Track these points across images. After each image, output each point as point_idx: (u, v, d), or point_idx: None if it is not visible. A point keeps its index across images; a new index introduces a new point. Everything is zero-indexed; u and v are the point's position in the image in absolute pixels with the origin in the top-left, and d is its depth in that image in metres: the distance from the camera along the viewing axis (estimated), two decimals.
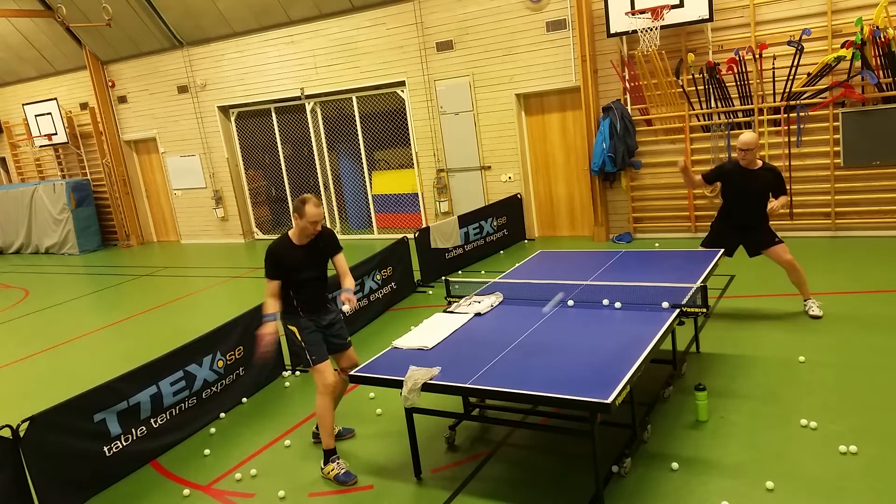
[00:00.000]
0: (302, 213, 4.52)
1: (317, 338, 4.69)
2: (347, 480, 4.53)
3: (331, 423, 4.65)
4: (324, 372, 4.62)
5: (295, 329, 4.68)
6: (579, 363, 3.95)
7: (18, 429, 4.38)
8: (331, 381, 4.62)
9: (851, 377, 5.04)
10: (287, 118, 13.12)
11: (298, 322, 4.68)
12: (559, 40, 10.02)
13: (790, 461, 4.10)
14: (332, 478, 4.57)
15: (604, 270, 5.76)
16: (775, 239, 6.20)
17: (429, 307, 7.90)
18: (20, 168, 17.23)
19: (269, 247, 4.64)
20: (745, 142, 6.02)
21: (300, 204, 4.53)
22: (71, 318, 9.85)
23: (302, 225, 4.56)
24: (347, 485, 4.50)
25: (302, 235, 4.62)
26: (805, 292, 6.31)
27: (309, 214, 4.51)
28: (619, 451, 4.28)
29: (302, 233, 4.61)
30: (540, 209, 11.08)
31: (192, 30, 13.12)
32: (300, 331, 4.67)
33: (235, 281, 10.82)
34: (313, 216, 4.52)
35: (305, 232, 4.59)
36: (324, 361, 4.65)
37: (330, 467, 4.61)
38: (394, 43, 11.31)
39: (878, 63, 8.13)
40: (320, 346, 4.68)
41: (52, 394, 5.52)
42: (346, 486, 4.50)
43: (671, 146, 9.66)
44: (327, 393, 4.61)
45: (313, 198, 4.54)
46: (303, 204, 4.52)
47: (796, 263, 6.19)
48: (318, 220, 4.55)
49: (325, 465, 4.65)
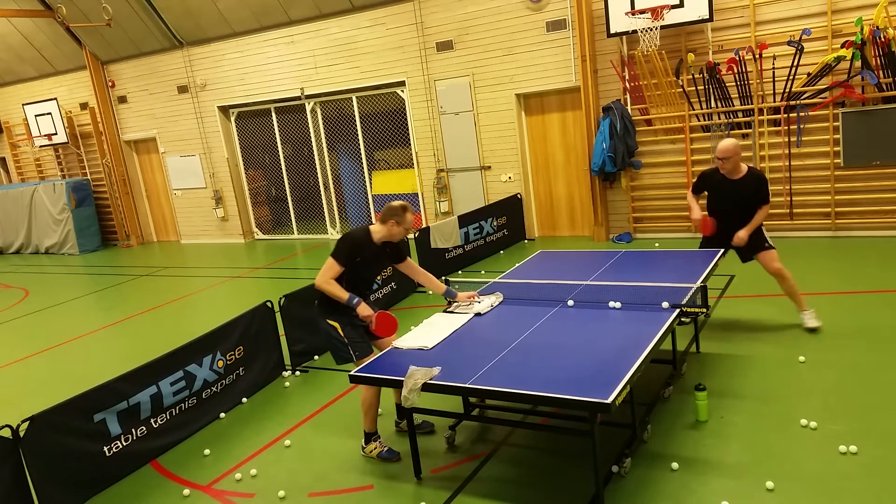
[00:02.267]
0: (402, 220, 4.66)
1: (359, 333, 4.73)
2: (391, 457, 4.64)
3: (376, 410, 4.69)
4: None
5: (337, 324, 4.69)
6: (579, 363, 3.95)
7: (18, 429, 4.38)
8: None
9: (851, 377, 5.03)
10: (287, 118, 13.13)
11: (341, 318, 4.69)
12: (559, 40, 10.02)
13: (790, 461, 4.10)
14: (376, 455, 4.67)
15: (604, 270, 5.75)
16: (766, 244, 5.93)
17: (429, 307, 7.90)
18: (20, 168, 17.24)
19: (352, 235, 4.72)
20: (722, 149, 5.73)
21: (401, 210, 4.66)
22: (71, 318, 9.85)
23: (397, 231, 4.70)
24: (392, 461, 4.61)
25: (386, 237, 4.74)
26: (800, 304, 6.00)
27: (409, 222, 4.68)
28: (619, 451, 4.27)
29: (391, 236, 4.73)
30: (540, 209, 11.08)
31: (192, 30, 13.12)
32: (342, 326, 4.69)
33: (235, 281, 10.81)
34: (411, 223, 4.71)
35: (395, 236, 4.74)
36: (367, 355, 4.67)
37: (372, 446, 4.71)
38: (394, 43, 11.31)
39: (878, 63, 8.13)
40: (363, 341, 4.73)
41: (52, 394, 5.52)
42: (390, 461, 4.61)
43: (671, 146, 9.66)
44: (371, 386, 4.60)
45: (409, 205, 4.72)
46: (404, 211, 4.66)
47: (785, 272, 5.91)
48: (413, 226, 4.78)
49: (366, 444, 4.72)
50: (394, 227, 4.68)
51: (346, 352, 4.70)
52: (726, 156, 5.75)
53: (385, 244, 4.80)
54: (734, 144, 5.76)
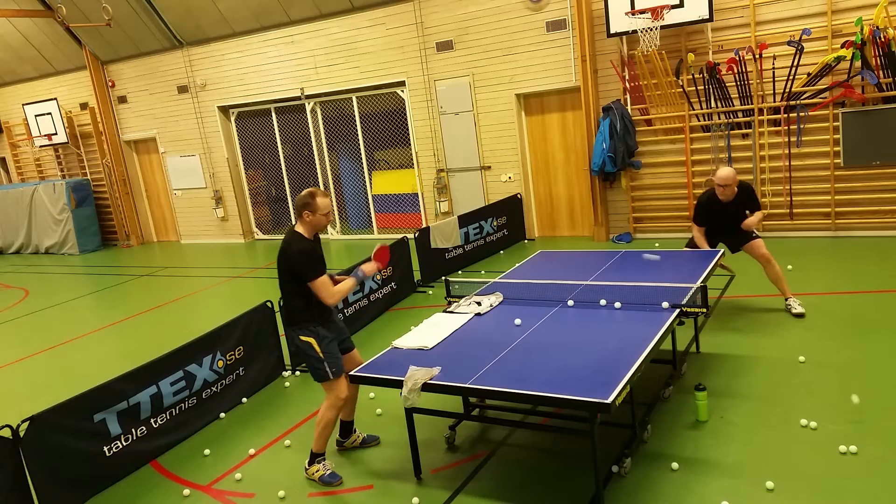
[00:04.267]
0: (314, 206, 4.36)
1: (335, 348, 4.53)
2: (333, 481, 4.48)
3: (331, 432, 4.57)
4: (341, 385, 4.49)
5: (312, 341, 4.43)
6: (579, 363, 3.95)
7: (18, 429, 4.38)
8: (345, 395, 4.51)
9: (851, 377, 5.03)
10: (287, 118, 13.13)
11: (317, 332, 4.45)
12: (559, 40, 10.02)
13: (790, 461, 4.10)
14: (317, 479, 4.51)
15: (604, 270, 5.76)
16: (752, 234, 6.33)
17: (429, 307, 7.90)
18: (20, 168, 17.24)
19: (301, 246, 4.35)
20: (724, 177, 6.05)
21: (310, 198, 4.36)
22: (71, 318, 9.85)
23: (316, 220, 4.40)
24: (333, 486, 4.46)
25: (313, 230, 4.46)
26: (784, 291, 6.38)
27: (321, 206, 4.37)
28: (619, 451, 4.27)
29: (315, 227, 4.44)
30: (540, 209, 11.08)
31: (192, 30, 13.12)
32: (319, 342, 4.43)
33: (235, 281, 10.81)
34: (326, 207, 4.40)
35: (320, 225, 4.44)
36: (342, 374, 4.50)
37: (315, 468, 4.54)
38: (394, 43, 11.31)
39: (878, 63, 8.13)
40: (339, 359, 4.53)
41: (52, 394, 5.52)
42: (331, 487, 4.46)
43: (671, 146, 9.66)
44: (337, 407, 4.49)
45: (319, 189, 4.43)
46: (312, 197, 4.36)
47: (771, 258, 6.30)
48: (330, 209, 4.45)
49: (309, 466, 4.58)
50: (311, 217, 4.37)
51: (322, 368, 4.43)
52: (727, 183, 6.08)
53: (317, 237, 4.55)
54: (734, 173, 6.11)
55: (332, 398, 4.49)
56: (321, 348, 4.44)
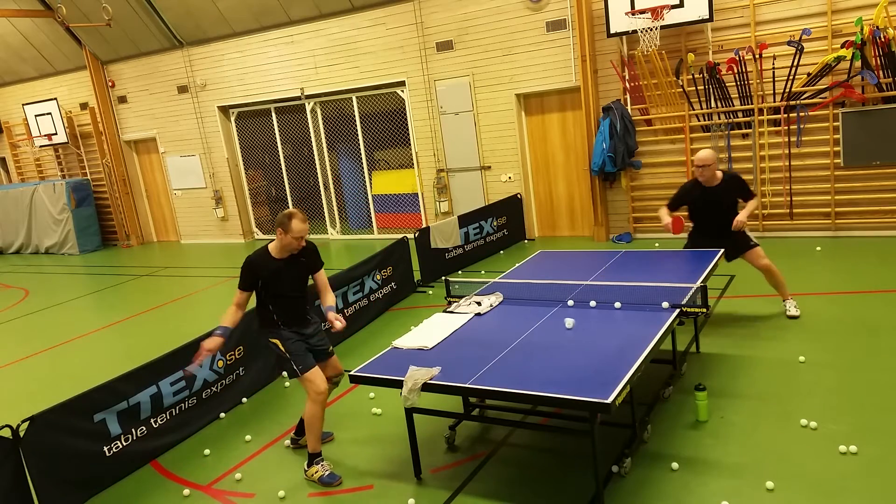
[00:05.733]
0: (287, 228, 4.39)
1: (300, 347, 4.61)
2: (332, 482, 4.50)
3: (320, 428, 4.61)
4: (314, 380, 4.55)
5: (277, 341, 4.60)
6: (579, 363, 3.95)
7: (18, 429, 4.38)
8: (322, 388, 4.56)
9: (851, 377, 5.03)
10: (287, 118, 13.12)
11: (280, 334, 4.60)
12: (559, 40, 10.02)
13: (790, 461, 4.10)
14: (317, 480, 4.53)
15: (604, 270, 5.76)
16: (750, 243, 6.16)
17: (429, 307, 7.90)
18: (20, 168, 17.23)
19: (248, 258, 4.58)
20: (702, 158, 5.94)
21: (286, 219, 4.39)
22: (71, 318, 9.85)
23: (286, 241, 4.45)
24: (333, 486, 4.48)
25: (284, 250, 4.52)
26: (783, 293, 6.31)
27: (295, 230, 4.39)
28: (619, 451, 4.27)
29: (285, 247, 4.51)
30: (540, 209, 11.08)
31: (192, 30, 13.12)
32: (283, 342, 4.58)
33: (235, 281, 10.78)
34: (299, 232, 4.41)
35: (289, 247, 4.50)
36: (312, 369, 4.57)
37: (314, 469, 4.57)
38: (394, 43, 11.31)
39: (878, 63, 8.13)
40: (305, 355, 4.60)
41: (52, 394, 5.52)
42: (331, 487, 4.48)
43: (671, 146, 9.66)
44: (319, 402, 4.53)
45: (299, 213, 4.44)
46: (289, 219, 4.38)
47: (773, 267, 6.18)
48: (303, 235, 4.44)
49: (308, 468, 4.61)
50: (282, 237, 4.43)
51: (290, 366, 4.57)
52: (705, 164, 5.95)
53: (297, 255, 4.57)
54: (712, 154, 5.99)
55: (311, 393, 4.58)
56: (285, 348, 4.58)
